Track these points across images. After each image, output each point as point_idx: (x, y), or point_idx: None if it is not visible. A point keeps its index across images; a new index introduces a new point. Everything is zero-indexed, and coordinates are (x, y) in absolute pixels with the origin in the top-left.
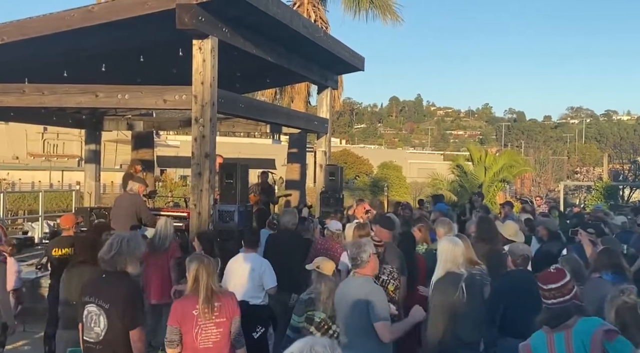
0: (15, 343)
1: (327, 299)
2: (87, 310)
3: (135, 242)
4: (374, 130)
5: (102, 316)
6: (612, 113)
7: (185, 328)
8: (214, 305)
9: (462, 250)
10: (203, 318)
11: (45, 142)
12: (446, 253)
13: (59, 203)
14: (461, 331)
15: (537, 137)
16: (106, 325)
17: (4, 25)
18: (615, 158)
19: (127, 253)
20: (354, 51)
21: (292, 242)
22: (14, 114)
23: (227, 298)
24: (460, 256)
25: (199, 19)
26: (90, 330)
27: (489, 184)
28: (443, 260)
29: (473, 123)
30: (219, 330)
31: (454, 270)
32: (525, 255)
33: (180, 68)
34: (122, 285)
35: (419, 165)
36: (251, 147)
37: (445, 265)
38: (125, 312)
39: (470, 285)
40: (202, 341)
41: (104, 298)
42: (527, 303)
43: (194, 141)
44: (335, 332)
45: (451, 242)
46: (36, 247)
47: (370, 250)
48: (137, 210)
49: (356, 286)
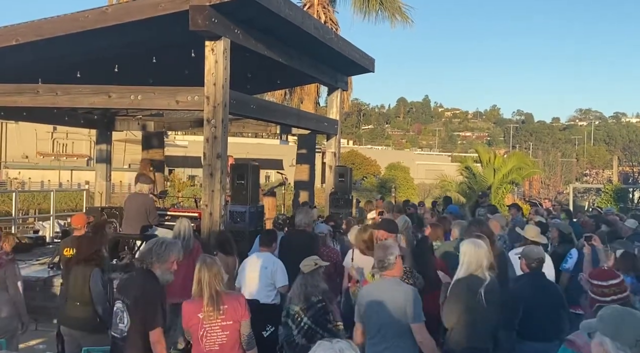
0: (28, 342)
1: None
2: (116, 306)
3: (171, 248)
4: (382, 131)
5: (125, 313)
6: (621, 115)
7: (192, 330)
8: (220, 307)
9: (485, 252)
10: (208, 321)
11: (55, 142)
12: (469, 255)
13: (68, 203)
14: (475, 337)
15: (545, 139)
16: (128, 322)
17: (19, 26)
18: (625, 160)
19: (156, 254)
20: (364, 52)
21: (306, 241)
22: (27, 113)
23: (234, 300)
24: (484, 259)
25: (212, 21)
26: (116, 326)
27: (497, 186)
28: (466, 262)
29: (481, 124)
30: (225, 332)
31: (477, 273)
32: (541, 258)
33: (192, 69)
34: (144, 284)
35: (427, 167)
36: (259, 147)
37: (469, 267)
38: (144, 311)
39: (491, 291)
40: (208, 343)
41: (128, 295)
42: (546, 306)
43: (205, 142)
44: (305, 324)
45: (474, 243)
46: (47, 246)
47: (397, 252)
48: (147, 210)
49: (390, 288)
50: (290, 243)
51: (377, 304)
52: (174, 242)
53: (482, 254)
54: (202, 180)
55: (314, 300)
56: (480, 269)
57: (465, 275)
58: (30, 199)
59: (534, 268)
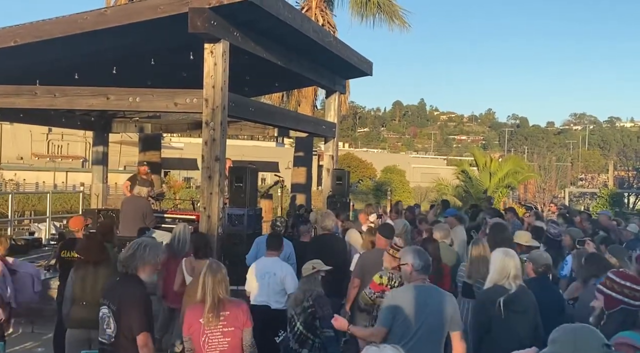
0: (24, 344)
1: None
2: (102, 311)
3: (154, 250)
4: (377, 134)
5: (111, 318)
6: (615, 120)
7: (194, 337)
8: (220, 313)
9: (513, 261)
10: (209, 327)
11: (50, 143)
12: (494, 265)
13: (63, 205)
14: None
15: (539, 143)
16: (115, 328)
17: (17, 28)
18: (620, 165)
19: (140, 259)
20: (363, 56)
21: (339, 244)
22: (24, 115)
23: (237, 308)
24: (512, 268)
25: (211, 23)
26: (104, 331)
27: (494, 190)
28: (492, 272)
29: (476, 128)
30: (227, 339)
31: (502, 283)
32: (548, 263)
33: (190, 72)
34: (131, 289)
35: (422, 170)
36: (255, 150)
37: (493, 277)
38: (131, 316)
39: (512, 301)
40: (209, 350)
41: (114, 301)
42: (553, 311)
43: (204, 144)
44: (298, 329)
45: (504, 253)
46: (43, 248)
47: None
48: (144, 213)
49: (435, 293)
50: (324, 247)
51: (420, 308)
52: (156, 244)
53: (509, 264)
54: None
55: (305, 305)
56: (506, 279)
57: (490, 286)
58: (25, 201)
59: (540, 273)
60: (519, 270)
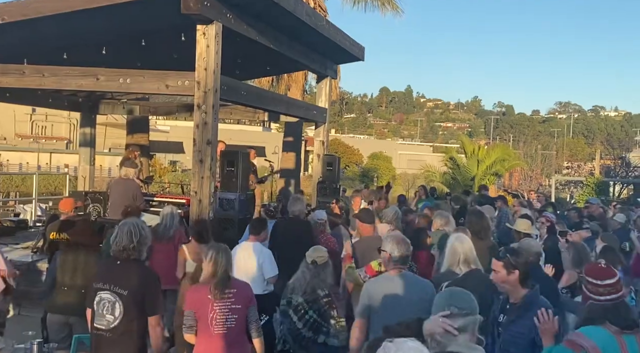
0: None
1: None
2: (100, 296)
3: (148, 230)
4: (364, 120)
5: (117, 303)
6: (600, 109)
7: (200, 313)
8: (230, 290)
9: (463, 247)
10: (219, 301)
11: (34, 124)
12: (447, 249)
13: (47, 186)
14: None
15: (525, 131)
16: (122, 313)
17: (5, 5)
18: (606, 154)
19: (144, 243)
20: (355, 41)
21: (303, 229)
22: (10, 94)
23: (243, 286)
24: (461, 254)
25: (204, 4)
26: (102, 317)
27: (481, 177)
28: (445, 256)
29: (462, 115)
30: (234, 316)
31: (453, 269)
32: (539, 251)
33: (181, 54)
34: (141, 273)
35: (409, 156)
36: (241, 134)
37: (445, 262)
38: (145, 299)
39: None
40: (217, 326)
41: (122, 286)
42: None
43: (195, 128)
44: (311, 318)
45: (455, 238)
46: (30, 229)
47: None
48: (132, 195)
49: (417, 282)
50: (286, 232)
51: (398, 299)
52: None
53: (458, 249)
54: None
55: (320, 294)
56: (457, 265)
57: (443, 270)
58: (9, 181)
59: (531, 262)
60: (469, 255)
